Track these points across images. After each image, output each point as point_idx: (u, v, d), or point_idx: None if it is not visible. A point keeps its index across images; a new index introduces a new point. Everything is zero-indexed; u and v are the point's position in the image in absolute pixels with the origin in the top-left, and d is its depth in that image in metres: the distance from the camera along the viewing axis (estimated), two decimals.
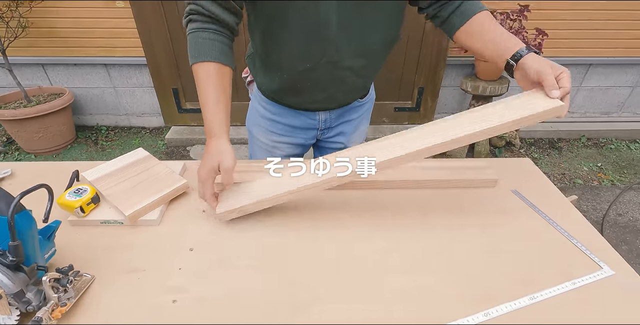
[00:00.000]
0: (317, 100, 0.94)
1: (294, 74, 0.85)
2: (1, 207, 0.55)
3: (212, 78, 0.72)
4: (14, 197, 0.56)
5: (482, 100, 2.25)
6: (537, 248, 0.69)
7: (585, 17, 2.32)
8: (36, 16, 2.16)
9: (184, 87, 2.45)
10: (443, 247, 0.68)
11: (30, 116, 2.14)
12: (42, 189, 0.60)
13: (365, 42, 0.80)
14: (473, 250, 0.68)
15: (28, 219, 0.58)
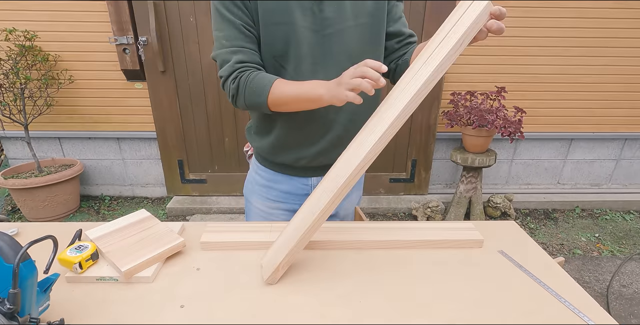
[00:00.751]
0: (307, 156, 1.00)
1: (287, 130, 0.95)
2: (9, 255, 0.59)
3: (286, 82, 0.82)
4: (21, 245, 0.61)
5: (472, 171, 2.35)
6: (524, 305, 0.70)
7: (561, 97, 2.55)
8: (61, 96, 2.40)
9: (189, 158, 2.59)
10: (427, 302, 0.70)
11: (39, 185, 2.23)
12: (47, 240, 0.64)
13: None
14: (459, 305, 0.69)
15: (31, 269, 0.61)
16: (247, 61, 0.85)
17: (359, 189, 1.20)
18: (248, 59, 0.85)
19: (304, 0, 0.85)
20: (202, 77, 2.35)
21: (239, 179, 2.67)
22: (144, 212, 0.99)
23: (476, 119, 2.15)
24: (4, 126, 2.45)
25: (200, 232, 0.92)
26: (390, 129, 0.66)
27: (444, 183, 2.83)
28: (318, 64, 0.88)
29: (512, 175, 2.81)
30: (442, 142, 2.67)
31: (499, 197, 2.48)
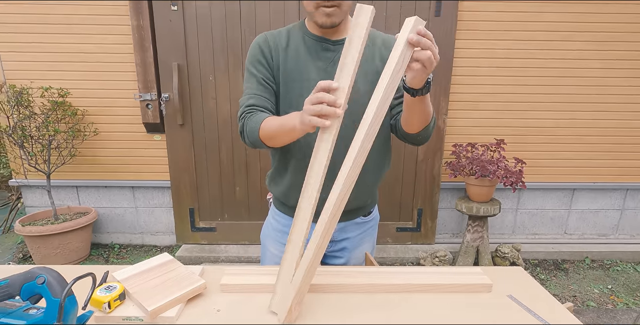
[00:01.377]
0: (320, 198, 1.08)
1: (299, 172, 1.03)
2: (57, 290, 0.65)
3: (273, 117, 0.93)
4: (67, 281, 0.67)
5: (478, 220, 2.39)
6: None
7: (559, 148, 2.66)
8: (84, 147, 2.54)
9: (200, 207, 2.66)
10: None
11: (54, 232, 2.28)
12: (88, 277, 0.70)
13: None
14: None
15: (73, 304, 0.67)
16: (256, 105, 0.98)
17: (371, 240, 1.24)
18: (258, 103, 0.98)
19: (319, 61, 0.99)
20: (218, 130, 2.51)
21: (248, 228, 2.71)
22: (167, 255, 1.05)
23: (478, 169, 2.24)
24: (27, 175, 2.57)
25: (219, 275, 0.96)
26: (358, 154, 0.75)
27: (451, 232, 2.84)
28: None
29: (518, 225, 2.83)
30: (447, 191, 2.74)
31: (506, 247, 2.48)
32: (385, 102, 0.73)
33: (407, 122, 0.94)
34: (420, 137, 0.97)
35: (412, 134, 0.97)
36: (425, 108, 0.88)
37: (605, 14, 2.43)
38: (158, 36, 2.34)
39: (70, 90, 2.44)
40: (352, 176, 0.76)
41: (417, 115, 0.90)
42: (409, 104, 0.87)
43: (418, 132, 0.96)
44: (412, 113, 0.90)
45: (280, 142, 0.95)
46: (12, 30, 2.36)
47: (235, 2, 2.31)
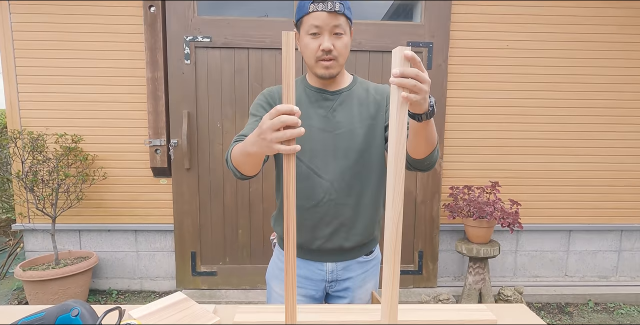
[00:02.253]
0: (322, 236, 1.12)
1: (303, 211, 1.10)
2: (89, 322, 0.69)
3: (238, 144, 0.93)
4: (97, 314, 0.71)
5: (479, 262, 2.41)
6: None
7: (552, 191, 2.75)
8: (92, 191, 2.61)
9: (202, 250, 2.66)
10: None
11: (55, 277, 2.27)
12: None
13: (355, 185, 1.10)
14: None
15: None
16: (244, 134, 1.02)
17: (374, 279, 1.26)
18: (246, 133, 1.02)
19: (320, 109, 1.10)
20: (223, 174, 2.60)
21: (249, 272, 2.70)
22: (181, 294, 1.08)
23: (475, 210, 2.31)
24: (32, 219, 2.60)
25: (231, 314, 0.99)
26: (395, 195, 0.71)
27: (452, 275, 2.84)
28: (330, 156, 1.09)
29: (518, 267, 2.84)
30: (446, 233, 2.78)
31: (509, 290, 2.48)
32: (401, 131, 0.70)
33: (414, 148, 0.95)
34: (427, 162, 0.98)
35: (419, 159, 0.98)
36: (431, 132, 0.90)
37: (591, 60, 2.66)
38: (170, 86, 2.51)
39: (84, 136, 2.56)
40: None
41: (424, 140, 0.91)
42: (417, 130, 0.88)
43: (424, 157, 0.97)
44: (419, 138, 0.91)
45: (247, 169, 0.95)
46: (31, 81, 2.53)
47: (244, 56, 2.51)
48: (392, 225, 0.72)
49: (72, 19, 2.49)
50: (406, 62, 0.67)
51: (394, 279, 0.76)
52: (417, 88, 0.68)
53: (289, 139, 0.69)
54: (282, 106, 0.68)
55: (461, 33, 2.58)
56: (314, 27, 1.00)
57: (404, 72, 0.67)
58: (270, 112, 0.70)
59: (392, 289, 0.77)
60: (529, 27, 2.60)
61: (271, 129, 0.69)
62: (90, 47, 2.52)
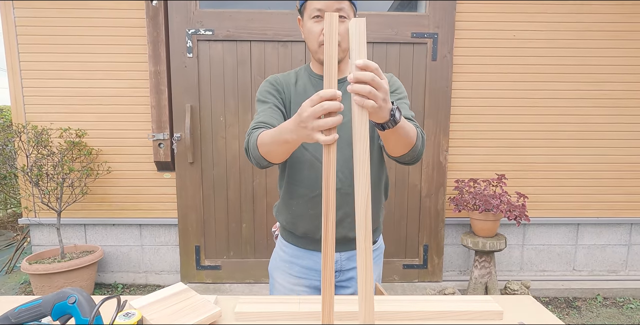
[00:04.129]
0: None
1: (307, 200, 1.09)
2: (86, 309, 0.68)
3: (268, 130, 0.90)
4: (94, 302, 0.70)
5: (485, 255, 2.39)
6: None
7: (559, 183, 2.71)
8: (96, 185, 2.61)
9: (206, 244, 2.66)
10: None
11: (60, 271, 2.28)
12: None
13: None
14: None
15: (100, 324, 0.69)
16: (264, 122, 1.00)
17: (378, 269, 1.25)
18: (266, 121, 1.00)
19: None
20: (226, 167, 2.59)
21: (253, 266, 2.69)
22: (181, 284, 1.07)
23: (481, 203, 2.28)
24: (38, 214, 2.62)
25: (232, 304, 0.99)
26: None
27: (458, 270, 2.81)
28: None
29: (525, 261, 2.81)
30: (452, 227, 2.75)
31: (515, 284, 2.45)
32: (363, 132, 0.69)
33: (388, 149, 0.94)
34: (407, 157, 0.96)
35: (396, 157, 0.97)
36: (401, 136, 0.84)
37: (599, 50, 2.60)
38: (173, 80, 2.50)
39: (87, 130, 2.56)
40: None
41: (395, 143, 0.89)
42: (384, 136, 0.86)
43: (402, 155, 0.94)
44: (389, 142, 0.89)
45: (277, 157, 0.92)
46: (35, 76, 2.53)
47: (246, 49, 2.50)
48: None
49: (74, 13, 2.49)
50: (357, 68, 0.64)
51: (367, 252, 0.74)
52: (373, 95, 0.64)
53: (330, 128, 0.66)
54: (325, 91, 0.65)
55: (467, 23, 2.54)
56: (316, 11, 0.98)
57: (359, 78, 0.63)
58: (312, 99, 0.66)
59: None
60: (536, 17, 2.55)
61: (313, 116, 0.66)
62: (93, 42, 2.51)
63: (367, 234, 0.73)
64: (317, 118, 0.66)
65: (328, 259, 0.75)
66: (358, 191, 0.71)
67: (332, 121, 0.65)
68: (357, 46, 0.66)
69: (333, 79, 0.65)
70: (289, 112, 1.09)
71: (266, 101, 1.08)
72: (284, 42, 2.49)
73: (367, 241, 0.72)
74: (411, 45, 2.52)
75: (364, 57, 0.65)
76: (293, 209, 1.13)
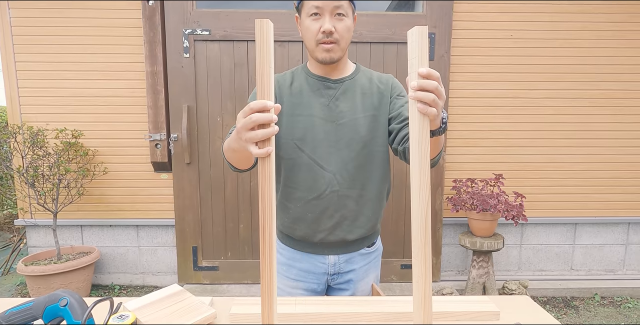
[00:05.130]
0: (325, 229, 1.09)
1: (305, 203, 1.08)
2: (78, 312, 0.67)
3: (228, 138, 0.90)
4: (87, 305, 0.69)
5: (482, 255, 2.38)
6: None
7: (557, 183, 2.71)
8: (92, 186, 2.60)
9: (203, 245, 2.66)
10: None
11: (56, 272, 2.27)
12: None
13: (358, 177, 1.07)
14: None
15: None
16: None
17: (376, 271, 1.24)
18: None
19: (321, 98, 1.07)
20: (223, 168, 2.58)
21: (251, 266, 2.68)
22: (176, 286, 1.06)
23: (479, 203, 2.27)
24: (34, 215, 2.60)
25: (228, 306, 0.98)
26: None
27: (456, 270, 2.81)
28: (332, 146, 1.05)
29: (523, 261, 2.81)
30: (450, 227, 2.75)
31: (513, 284, 2.45)
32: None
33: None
34: (431, 162, 0.97)
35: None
36: (438, 144, 0.87)
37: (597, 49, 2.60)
38: (170, 80, 2.49)
39: (83, 131, 2.55)
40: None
41: (431, 149, 0.88)
42: None
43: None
44: None
45: (237, 163, 0.95)
46: (31, 76, 2.52)
47: (243, 49, 2.49)
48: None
49: (70, 13, 2.48)
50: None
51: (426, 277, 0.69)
52: (435, 103, 0.63)
53: (262, 139, 0.63)
54: (255, 103, 0.62)
55: (464, 23, 2.54)
56: (314, 8, 0.97)
57: (423, 86, 0.62)
58: (244, 110, 0.64)
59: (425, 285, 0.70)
60: (533, 17, 2.55)
61: (244, 128, 0.64)
62: (89, 42, 2.50)
63: (427, 262, 0.69)
64: (249, 129, 0.64)
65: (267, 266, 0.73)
66: (419, 202, 0.67)
67: (262, 133, 0.62)
68: (419, 54, 0.64)
69: (266, 88, 0.63)
70: (281, 115, 1.07)
71: None
72: (281, 42, 2.48)
73: (427, 266, 0.67)
74: None
75: (426, 65, 0.63)
76: (290, 212, 1.11)
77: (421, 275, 0.72)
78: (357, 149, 1.06)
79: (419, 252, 0.72)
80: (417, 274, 0.73)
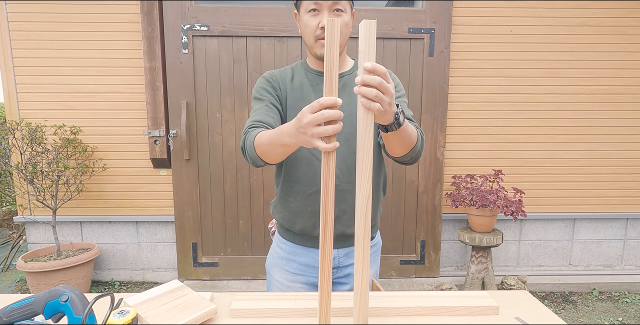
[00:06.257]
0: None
1: (304, 197, 1.08)
2: (79, 307, 0.67)
3: (266, 131, 0.89)
4: (87, 300, 0.70)
5: (481, 251, 2.39)
6: None
7: (555, 179, 2.71)
8: (92, 182, 2.60)
9: (203, 241, 2.66)
10: None
11: (56, 268, 2.27)
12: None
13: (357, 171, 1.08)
14: None
15: (93, 322, 0.69)
16: (260, 121, 0.99)
17: (375, 265, 1.25)
18: (262, 119, 0.99)
19: (321, 93, 1.08)
20: (223, 164, 2.58)
21: (251, 262, 2.69)
22: (177, 282, 1.07)
23: (478, 199, 2.28)
24: (33, 211, 2.60)
25: (228, 301, 0.98)
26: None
27: (455, 265, 2.82)
28: None
29: (522, 256, 2.82)
30: (449, 223, 2.75)
31: (512, 279, 2.46)
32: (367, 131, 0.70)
33: (389, 149, 0.95)
34: (407, 158, 0.97)
35: (396, 157, 0.98)
36: (403, 138, 0.86)
37: (596, 45, 2.60)
38: (169, 76, 2.48)
39: (82, 127, 2.54)
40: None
41: (396, 144, 0.90)
42: (386, 137, 0.87)
43: (402, 155, 0.95)
44: (390, 143, 0.91)
45: (273, 158, 0.92)
46: (29, 72, 2.51)
47: (242, 44, 2.48)
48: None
49: (68, 9, 2.46)
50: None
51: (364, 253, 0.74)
52: (379, 98, 0.65)
53: (329, 135, 0.65)
54: (326, 99, 0.64)
55: (464, 19, 2.53)
56: (313, 4, 0.98)
57: (366, 81, 0.64)
58: (312, 106, 0.65)
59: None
60: (533, 12, 2.54)
61: (313, 123, 0.65)
62: (87, 37, 2.49)
63: (366, 236, 0.74)
64: (316, 125, 0.66)
65: (326, 260, 0.75)
66: (359, 191, 0.71)
67: (333, 129, 0.65)
68: (366, 48, 0.65)
69: (334, 86, 0.65)
70: (285, 108, 1.08)
71: (262, 99, 1.07)
72: (280, 37, 2.47)
73: (365, 239, 0.72)
74: (408, 41, 2.51)
75: (372, 59, 0.65)
76: (290, 206, 1.12)
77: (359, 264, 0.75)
78: (355, 143, 1.06)
79: (357, 246, 0.75)
80: (357, 263, 0.76)
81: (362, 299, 0.79)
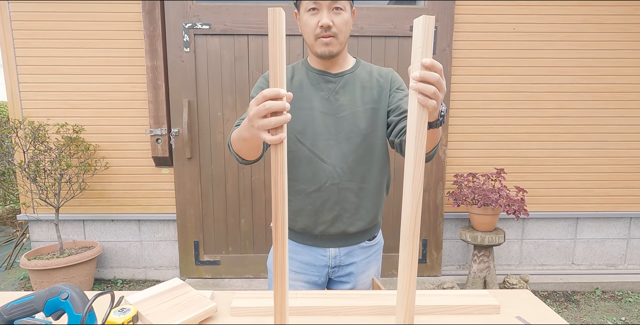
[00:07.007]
0: (326, 221, 1.10)
1: (305, 196, 1.08)
2: (79, 305, 0.67)
3: (236, 129, 0.92)
4: (87, 297, 0.70)
5: (483, 250, 2.38)
6: None
7: (558, 178, 2.70)
8: (94, 181, 2.61)
9: (205, 240, 2.66)
10: None
11: (59, 266, 2.28)
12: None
13: (358, 170, 1.07)
14: None
15: (93, 320, 0.69)
16: (243, 119, 1.00)
17: (377, 265, 1.25)
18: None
19: (321, 92, 1.07)
20: (224, 163, 2.58)
21: (252, 261, 2.70)
22: (177, 280, 1.07)
23: (480, 198, 2.27)
24: (36, 209, 2.61)
25: (228, 300, 0.98)
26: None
27: (457, 264, 2.81)
28: (332, 139, 1.06)
29: (524, 255, 2.81)
30: (451, 221, 2.75)
31: (514, 278, 2.45)
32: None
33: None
34: (427, 156, 0.97)
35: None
36: (434, 137, 0.87)
37: (599, 43, 2.58)
38: (170, 75, 2.48)
39: (85, 126, 2.55)
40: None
41: (427, 142, 0.89)
42: None
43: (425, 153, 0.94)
44: None
45: (246, 154, 0.95)
46: (32, 71, 2.52)
47: (244, 43, 2.48)
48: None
49: (70, 8, 2.46)
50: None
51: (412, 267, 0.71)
52: (436, 96, 0.63)
53: (275, 127, 0.64)
54: (268, 91, 0.63)
55: (466, 16, 2.51)
56: (312, 3, 0.98)
57: (425, 77, 0.62)
58: (257, 98, 0.65)
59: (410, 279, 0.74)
60: (536, 9, 2.52)
61: (257, 115, 0.65)
62: (89, 36, 2.49)
63: (414, 249, 0.71)
64: (262, 117, 0.65)
65: (279, 255, 0.72)
66: (410, 192, 0.68)
67: (276, 121, 0.63)
68: (423, 44, 0.63)
69: (279, 77, 0.63)
70: None
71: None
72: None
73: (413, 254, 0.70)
74: (410, 39, 2.50)
75: (429, 56, 0.63)
76: (291, 205, 1.12)
77: (407, 266, 0.74)
78: (357, 141, 1.06)
79: (406, 242, 0.73)
80: (404, 262, 0.74)
81: (409, 298, 0.78)
